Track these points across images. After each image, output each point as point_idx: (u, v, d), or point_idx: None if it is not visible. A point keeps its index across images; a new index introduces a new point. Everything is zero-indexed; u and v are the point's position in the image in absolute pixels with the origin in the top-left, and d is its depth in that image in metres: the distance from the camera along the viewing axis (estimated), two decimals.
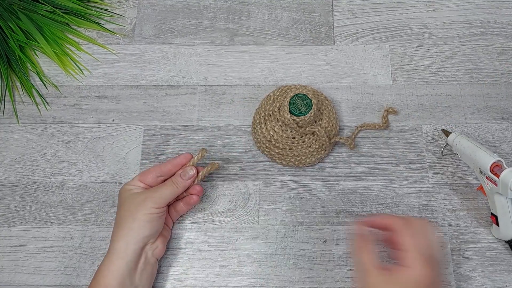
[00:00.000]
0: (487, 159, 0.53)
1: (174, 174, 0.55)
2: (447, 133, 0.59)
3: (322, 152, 0.59)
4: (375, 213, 0.55)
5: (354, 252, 0.48)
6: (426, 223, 0.47)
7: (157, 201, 0.51)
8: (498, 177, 0.52)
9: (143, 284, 0.51)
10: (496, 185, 0.52)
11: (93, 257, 0.57)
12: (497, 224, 0.55)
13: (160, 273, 0.56)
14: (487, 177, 0.54)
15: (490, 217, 0.56)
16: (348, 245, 0.57)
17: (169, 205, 0.56)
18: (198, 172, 0.55)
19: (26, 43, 0.66)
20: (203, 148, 0.56)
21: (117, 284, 0.48)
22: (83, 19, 0.69)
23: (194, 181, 0.55)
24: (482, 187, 0.56)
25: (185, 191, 0.55)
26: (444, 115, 0.64)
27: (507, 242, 0.56)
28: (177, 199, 0.56)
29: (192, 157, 0.55)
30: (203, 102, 0.65)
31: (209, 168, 0.56)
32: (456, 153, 0.58)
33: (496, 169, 0.52)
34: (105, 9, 0.71)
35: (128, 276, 0.49)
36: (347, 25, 0.69)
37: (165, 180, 0.55)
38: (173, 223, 0.58)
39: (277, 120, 0.58)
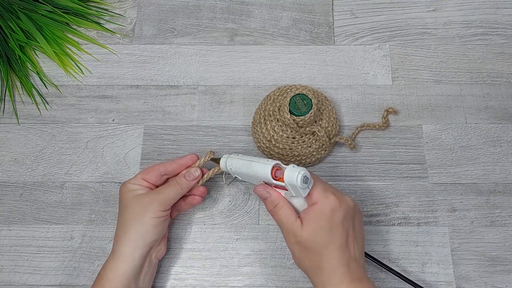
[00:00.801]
0: (265, 168, 0.48)
1: (178, 173, 0.54)
2: (217, 161, 0.55)
3: (322, 152, 0.59)
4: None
5: (272, 213, 0.49)
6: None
7: (163, 203, 0.50)
8: (283, 181, 0.47)
9: (146, 286, 0.51)
10: (286, 189, 0.48)
11: (93, 257, 0.57)
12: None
13: (160, 273, 0.56)
14: (275, 187, 0.50)
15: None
16: None
17: None
18: (203, 174, 0.55)
19: (26, 43, 0.66)
20: (211, 151, 0.55)
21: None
22: (83, 19, 0.69)
23: (198, 182, 0.55)
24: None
25: (188, 191, 0.55)
26: (444, 115, 0.64)
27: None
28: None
29: (198, 158, 0.55)
30: (203, 102, 0.65)
31: (215, 171, 0.55)
32: (236, 177, 0.54)
33: (278, 173, 0.48)
34: (105, 9, 0.71)
35: (134, 280, 0.49)
36: (347, 25, 0.69)
37: (168, 179, 0.55)
38: (170, 220, 0.58)
39: (277, 120, 0.58)
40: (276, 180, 0.48)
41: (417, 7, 0.70)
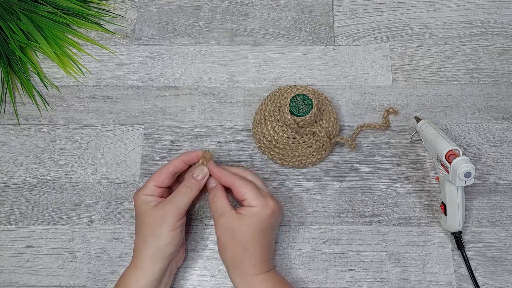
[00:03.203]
0: (445, 146, 0.54)
1: (185, 171, 0.54)
2: (418, 120, 0.60)
3: (323, 152, 0.59)
4: (219, 167, 0.54)
5: (210, 201, 0.52)
6: (251, 171, 0.55)
7: (177, 213, 0.50)
8: (451, 163, 0.52)
9: None
10: (448, 172, 0.53)
11: (94, 258, 0.57)
12: (445, 213, 0.56)
13: None
14: (442, 164, 0.54)
15: (440, 205, 0.57)
16: (348, 245, 0.57)
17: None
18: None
19: (27, 44, 0.66)
20: (208, 150, 0.54)
21: None
22: (83, 20, 0.69)
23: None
24: (438, 177, 0.57)
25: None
26: (444, 115, 0.64)
27: (452, 234, 0.56)
28: None
29: (203, 155, 0.53)
30: (203, 103, 0.65)
31: (205, 163, 0.53)
32: (421, 139, 0.59)
33: (452, 157, 0.53)
34: (105, 10, 0.71)
35: None
36: (348, 25, 0.69)
37: (179, 177, 0.54)
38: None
39: (278, 120, 0.58)
40: (446, 160, 0.53)
41: (417, 7, 0.70)
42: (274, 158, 0.60)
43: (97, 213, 0.59)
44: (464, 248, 0.56)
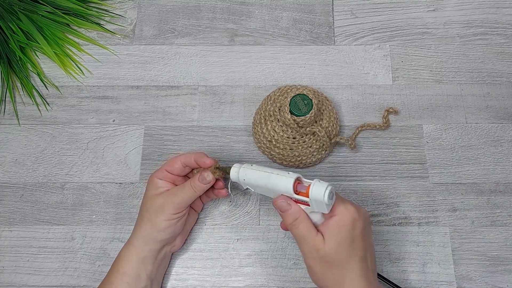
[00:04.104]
0: (286, 182, 0.45)
1: (195, 168, 0.55)
2: (224, 170, 0.51)
3: (323, 152, 0.59)
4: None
5: (289, 226, 0.47)
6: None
7: (177, 206, 0.51)
8: (306, 196, 0.45)
9: (158, 277, 0.54)
10: (309, 205, 0.45)
11: (94, 258, 0.57)
12: None
13: None
14: (295, 201, 0.46)
15: None
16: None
17: None
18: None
19: (27, 44, 0.66)
20: (215, 165, 0.54)
21: (133, 273, 0.50)
22: (83, 20, 0.69)
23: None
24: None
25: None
26: (444, 115, 0.64)
27: None
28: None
29: (214, 164, 0.53)
30: (203, 103, 0.65)
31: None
32: (248, 188, 0.50)
33: (299, 187, 0.45)
34: (105, 10, 0.71)
35: (144, 269, 0.51)
36: (348, 25, 0.69)
37: (193, 169, 0.55)
38: (203, 205, 0.59)
39: (278, 120, 0.58)
40: (297, 194, 0.45)
41: (417, 7, 0.70)
42: (274, 158, 0.60)
43: (97, 213, 0.59)
44: None
